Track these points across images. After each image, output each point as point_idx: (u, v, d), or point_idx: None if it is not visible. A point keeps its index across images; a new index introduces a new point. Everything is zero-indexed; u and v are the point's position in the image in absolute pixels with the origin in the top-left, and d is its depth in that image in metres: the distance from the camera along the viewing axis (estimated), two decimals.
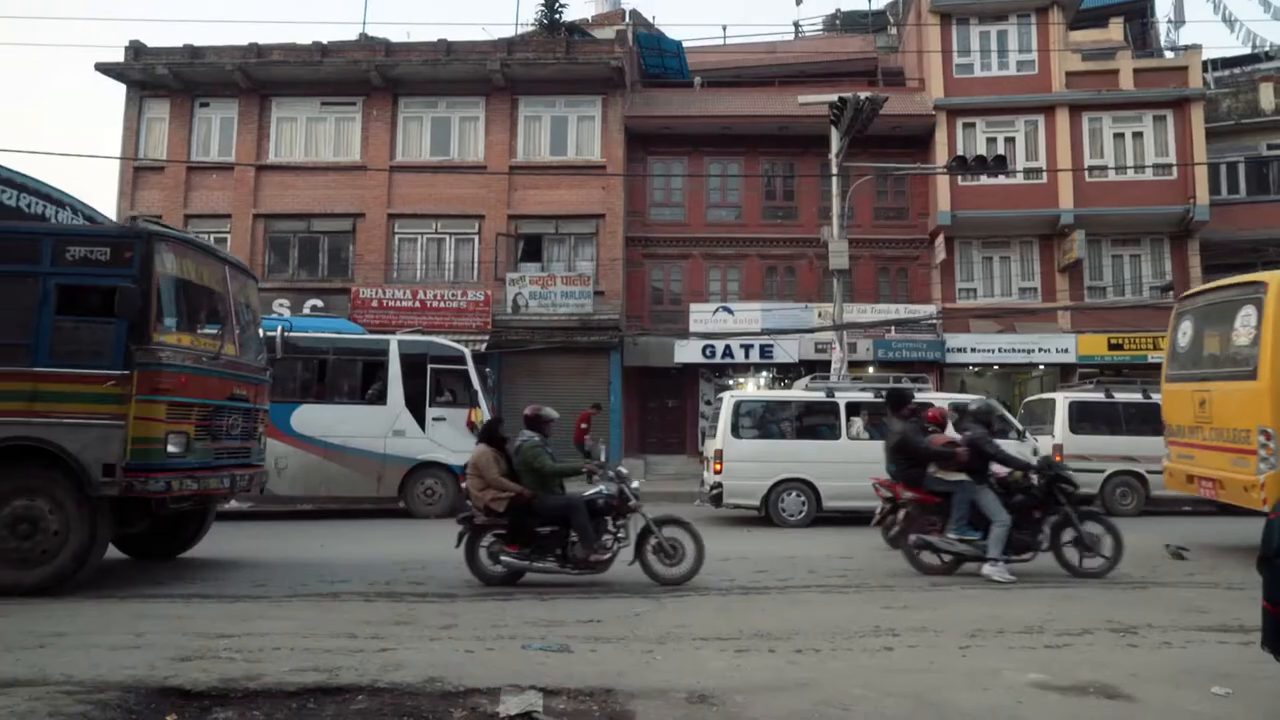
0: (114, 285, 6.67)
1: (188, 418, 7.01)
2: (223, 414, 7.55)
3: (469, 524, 7.44)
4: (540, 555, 7.31)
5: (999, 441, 8.58)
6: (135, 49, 21.51)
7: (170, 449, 6.83)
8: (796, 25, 34.16)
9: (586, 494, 7.50)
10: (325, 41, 21.83)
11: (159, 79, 21.46)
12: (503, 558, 7.31)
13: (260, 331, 8.83)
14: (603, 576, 7.39)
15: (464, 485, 7.72)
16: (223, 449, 7.56)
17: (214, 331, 7.78)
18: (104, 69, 21.53)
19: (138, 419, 6.65)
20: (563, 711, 3.96)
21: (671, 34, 29.87)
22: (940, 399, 13.14)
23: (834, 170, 17.25)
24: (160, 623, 5.62)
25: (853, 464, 12.15)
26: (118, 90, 22.33)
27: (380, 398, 13.19)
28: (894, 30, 27.86)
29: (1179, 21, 27.43)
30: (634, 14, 28.50)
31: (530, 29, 27.51)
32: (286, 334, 11.37)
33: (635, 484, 7.63)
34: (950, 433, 8.93)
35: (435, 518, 12.36)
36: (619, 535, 7.44)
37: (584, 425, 18.07)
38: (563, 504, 7.35)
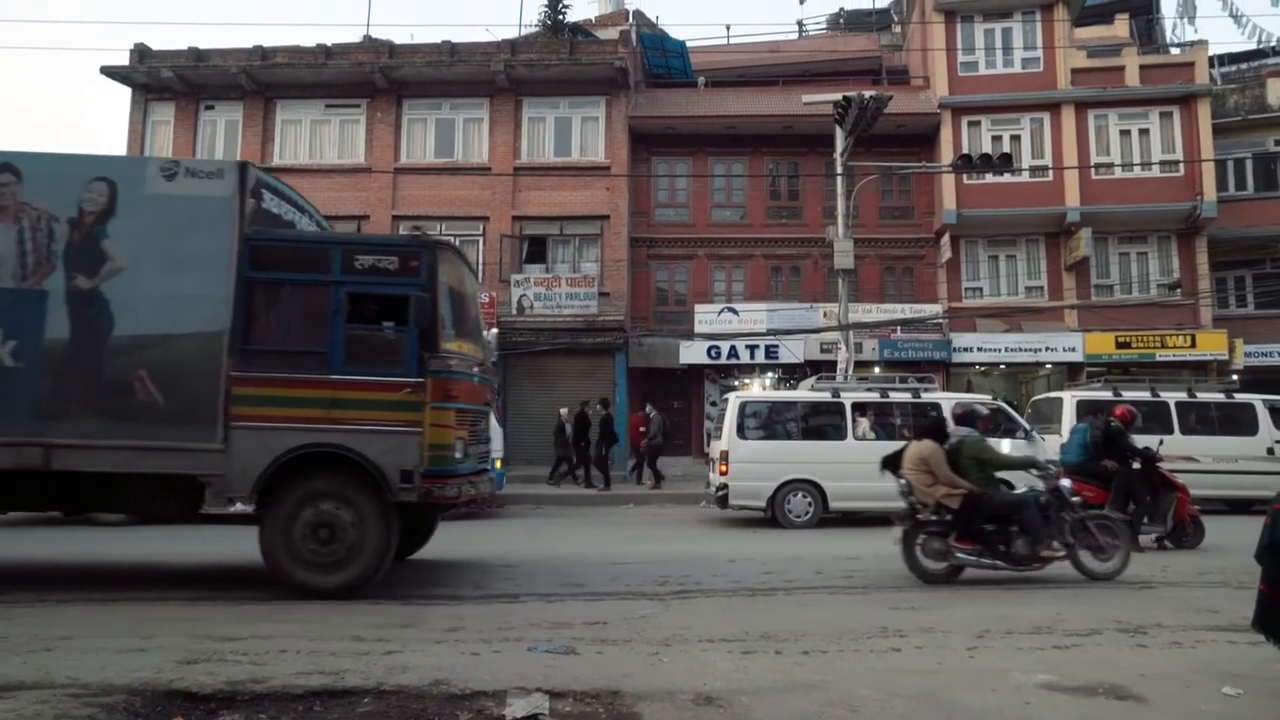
0: (404, 294, 6.82)
1: (464, 424, 7.16)
2: (480, 419, 7.74)
3: (912, 520, 7.60)
4: (987, 552, 7.47)
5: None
6: (140, 52, 21.58)
7: (456, 455, 6.96)
8: (800, 24, 34.17)
9: (1027, 491, 7.74)
10: (329, 44, 21.86)
11: (164, 82, 21.53)
12: (957, 554, 7.49)
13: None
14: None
15: (901, 481, 7.81)
16: (481, 453, 7.79)
17: (474, 337, 7.94)
18: (109, 72, 21.60)
19: (433, 426, 6.75)
20: (568, 714, 3.95)
21: (675, 34, 29.91)
22: (947, 399, 13.11)
23: (839, 169, 17.23)
24: (166, 625, 5.62)
25: (859, 464, 12.12)
26: (123, 93, 22.41)
27: None
28: (898, 28, 27.79)
29: (1190, 14, 27.24)
30: (637, 14, 28.49)
31: (534, 30, 27.53)
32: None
33: (1066, 482, 7.85)
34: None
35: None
36: (1065, 533, 7.58)
37: (642, 429, 17.70)
38: (1014, 501, 7.61)
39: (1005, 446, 12.46)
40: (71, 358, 6.59)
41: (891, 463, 8.05)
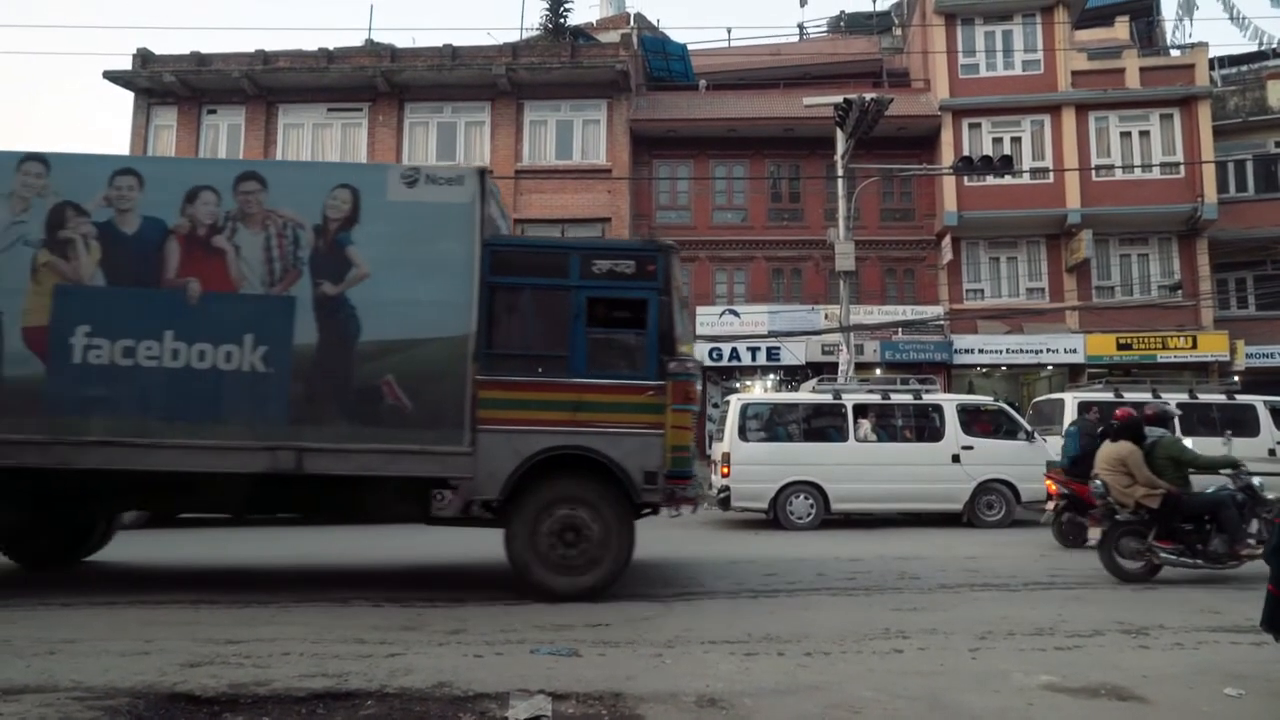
0: (643, 298, 6.96)
1: (692, 426, 7.26)
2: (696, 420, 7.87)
3: (1110, 521, 7.71)
4: (1187, 551, 7.54)
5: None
6: (143, 56, 21.63)
7: (692, 456, 7.07)
8: (801, 27, 34.15)
9: (1223, 490, 7.82)
10: (331, 48, 21.91)
11: (166, 86, 21.57)
12: (1160, 554, 7.55)
13: None
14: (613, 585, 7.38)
15: (1096, 482, 7.94)
16: None
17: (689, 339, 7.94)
18: (112, 77, 21.66)
19: (674, 428, 6.84)
20: (571, 715, 3.96)
21: (676, 37, 29.88)
22: (949, 400, 13.11)
23: (840, 172, 17.25)
24: (170, 629, 5.63)
25: (861, 466, 12.15)
26: (126, 98, 22.47)
27: None
28: (899, 31, 27.82)
29: (1190, 13, 27.23)
30: (639, 17, 28.52)
31: (535, 33, 27.56)
32: None
33: (1257, 480, 7.92)
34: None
35: None
36: (1260, 530, 7.64)
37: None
38: (1213, 500, 7.67)
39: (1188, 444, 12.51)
40: (320, 363, 6.66)
41: (1080, 464, 8.21)
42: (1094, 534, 7.88)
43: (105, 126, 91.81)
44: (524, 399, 6.72)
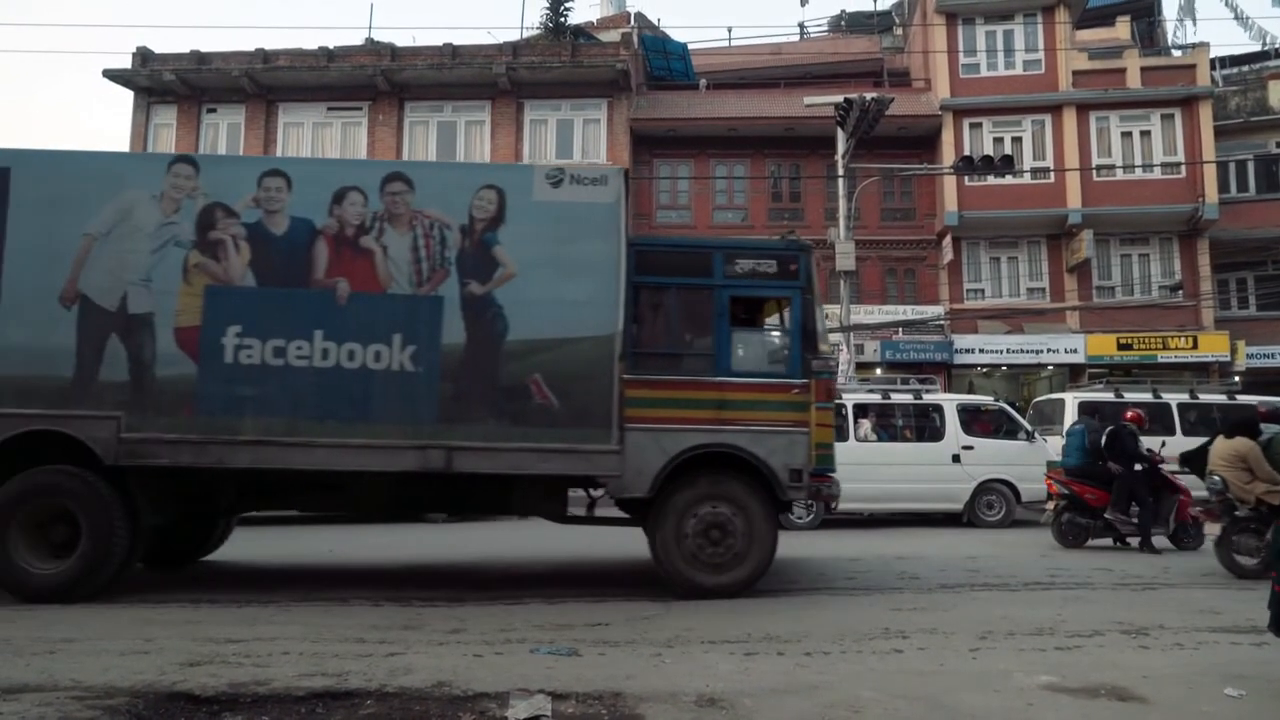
0: (786, 296, 7.12)
1: (834, 423, 7.38)
2: None
3: (1229, 518, 7.75)
4: None
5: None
6: (142, 55, 21.63)
7: (832, 454, 7.13)
8: (802, 26, 34.13)
9: None
10: (331, 46, 21.91)
11: (166, 85, 21.57)
12: None
13: None
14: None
15: (1214, 478, 7.98)
16: None
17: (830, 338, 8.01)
18: (111, 75, 21.66)
19: (819, 425, 6.91)
20: (571, 715, 3.95)
21: (676, 36, 29.90)
22: (949, 400, 13.11)
23: (840, 171, 17.25)
24: (169, 628, 5.63)
25: (860, 466, 12.12)
26: (125, 96, 22.47)
27: None
28: (899, 31, 27.81)
29: (1192, 13, 27.35)
30: (639, 16, 28.51)
31: (535, 32, 27.55)
32: None
33: None
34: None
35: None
36: None
37: None
38: None
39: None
40: (469, 362, 6.70)
41: (1191, 460, 8.21)
42: (1211, 529, 7.93)
43: (105, 125, 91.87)
44: (670, 398, 6.81)
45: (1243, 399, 13.91)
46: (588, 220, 6.89)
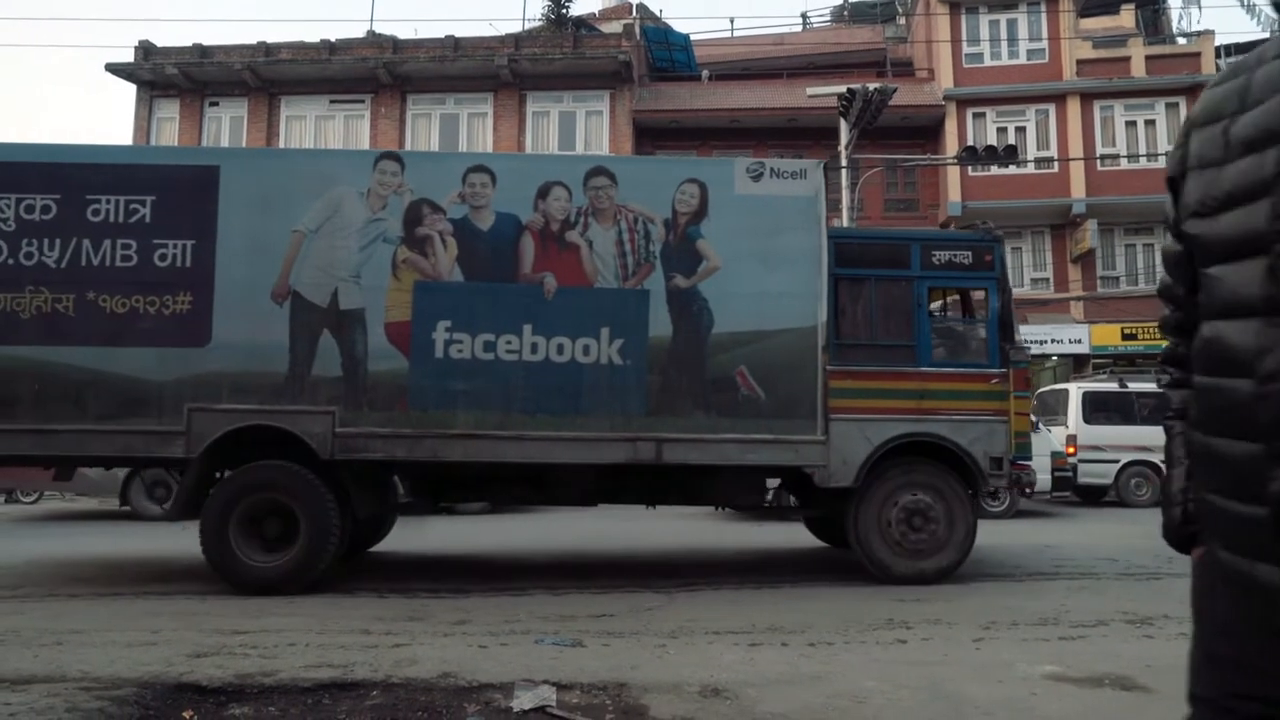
0: (982, 287, 7.29)
1: (1030, 412, 7.58)
2: None
3: None
4: None
5: None
6: (145, 49, 21.62)
7: (1029, 441, 7.32)
8: (804, 17, 34.06)
9: None
10: (333, 39, 21.89)
11: (169, 79, 21.56)
12: None
13: None
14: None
15: None
16: None
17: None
18: (114, 69, 21.65)
19: (1016, 414, 7.06)
20: (576, 705, 3.97)
21: (679, 27, 29.82)
22: None
23: (843, 162, 17.20)
24: (176, 619, 5.65)
25: None
26: (128, 90, 22.48)
27: None
28: (902, 20, 27.69)
29: (1195, 0, 27.24)
30: (641, 8, 28.43)
31: (537, 24, 27.50)
32: None
33: None
34: None
35: None
36: None
37: None
38: None
39: None
40: (676, 355, 6.80)
41: None
42: None
43: (108, 118, 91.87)
44: (873, 388, 6.94)
45: None
46: (788, 213, 7.00)
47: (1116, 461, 13.62)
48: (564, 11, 27.46)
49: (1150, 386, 13.82)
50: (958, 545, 6.95)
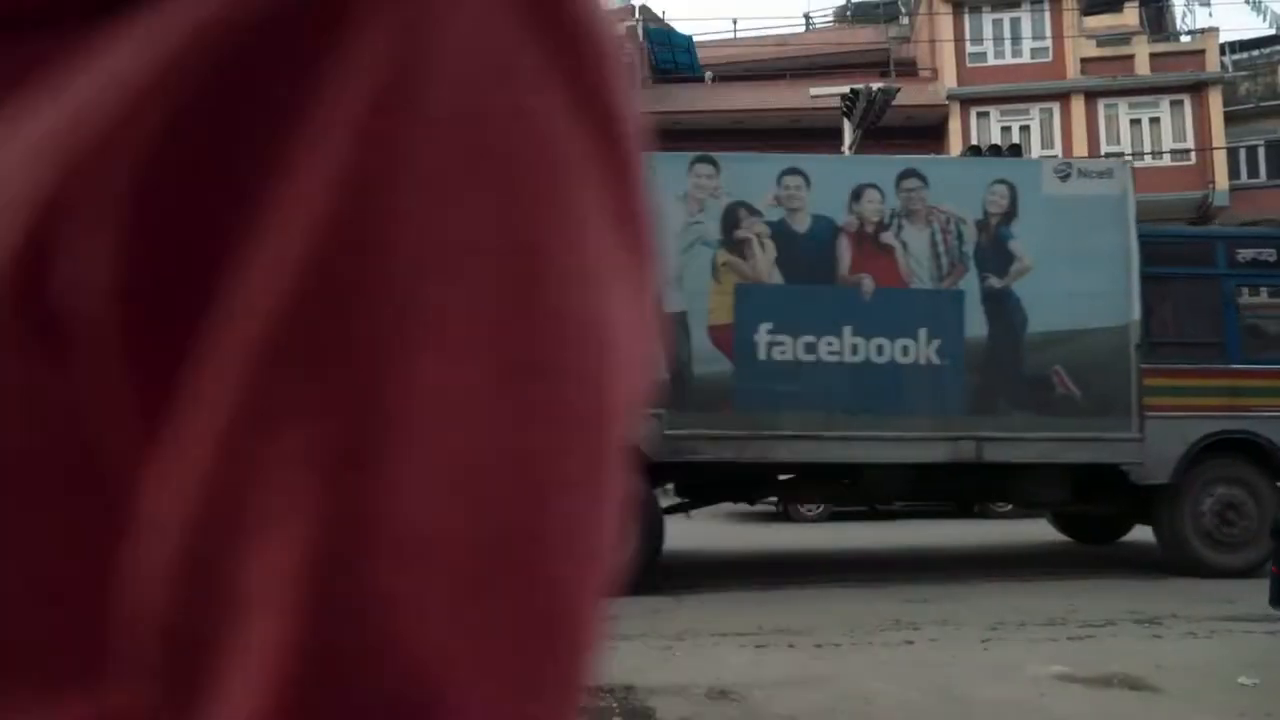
0: None
1: None
2: None
3: None
4: None
5: None
6: None
7: None
8: (807, 17, 34.00)
9: None
10: None
11: None
12: None
13: None
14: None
15: None
16: None
17: None
18: None
19: None
20: (582, 707, 3.97)
21: (681, 28, 29.85)
22: None
23: None
24: None
25: None
26: None
27: None
28: (905, 20, 27.65)
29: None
30: (643, 9, 28.42)
31: None
32: None
33: None
34: None
35: None
36: None
37: None
38: None
39: None
40: (992, 354, 6.88)
41: None
42: None
43: None
44: (1186, 386, 6.99)
45: None
46: (1097, 213, 7.06)
47: None
48: None
49: None
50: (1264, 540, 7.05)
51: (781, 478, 7.72)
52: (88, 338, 0.18)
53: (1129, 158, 20.40)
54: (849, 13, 32.55)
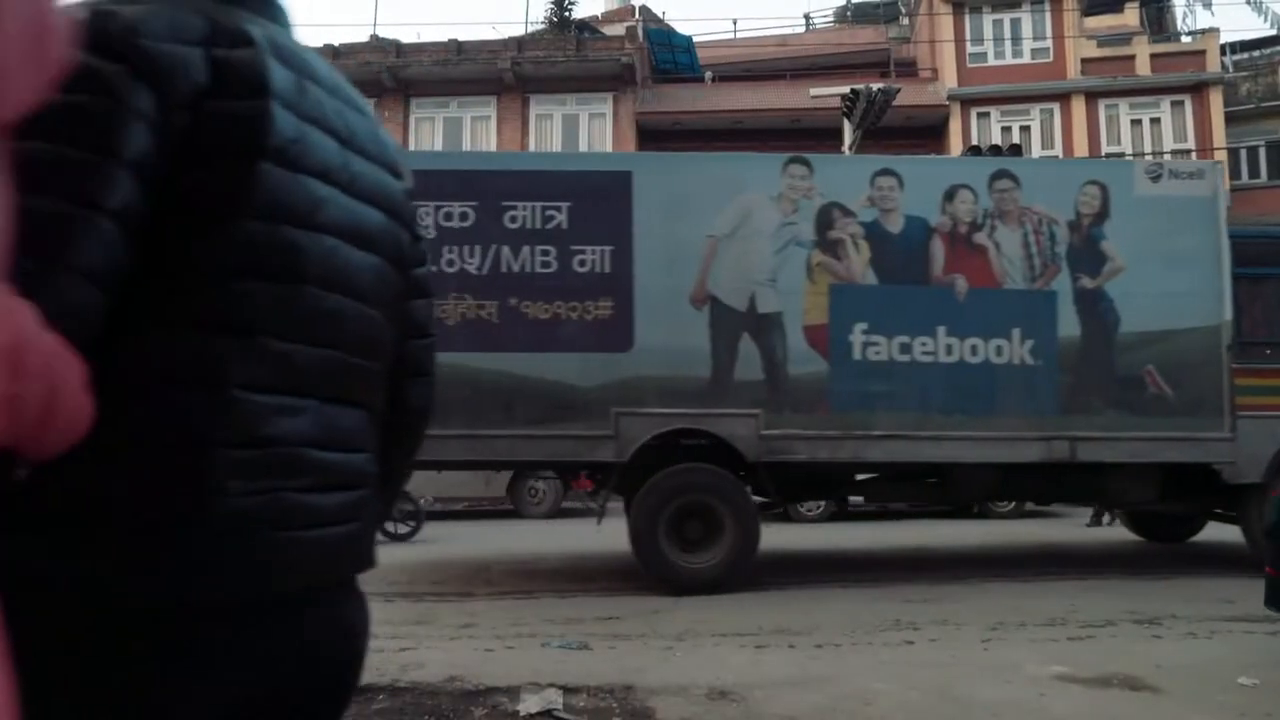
0: None
1: None
2: None
3: None
4: None
5: None
6: None
7: None
8: (807, 17, 34.03)
9: None
10: (336, 44, 21.90)
11: None
12: None
13: None
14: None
15: None
16: None
17: None
18: None
19: None
20: (583, 709, 3.96)
21: (682, 29, 29.82)
22: None
23: None
24: None
25: None
26: None
27: None
28: (906, 20, 27.65)
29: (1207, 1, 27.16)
30: (644, 10, 28.41)
31: (540, 27, 27.51)
32: None
33: None
34: None
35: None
36: None
37: None
38: None
39: None
40: (1085, 354, 6.93)
41: None
42: None
43: None
44: (1278, 385, 7.04)
45: None
46: (1187, 213, 7.07)
47: None
48: (567, 14, 27.48)
49: None
50: None
51: (859, 477, 7.74)
52: None
53: (1129, 158, 20.41)
54: (849, 13, 32.54)
